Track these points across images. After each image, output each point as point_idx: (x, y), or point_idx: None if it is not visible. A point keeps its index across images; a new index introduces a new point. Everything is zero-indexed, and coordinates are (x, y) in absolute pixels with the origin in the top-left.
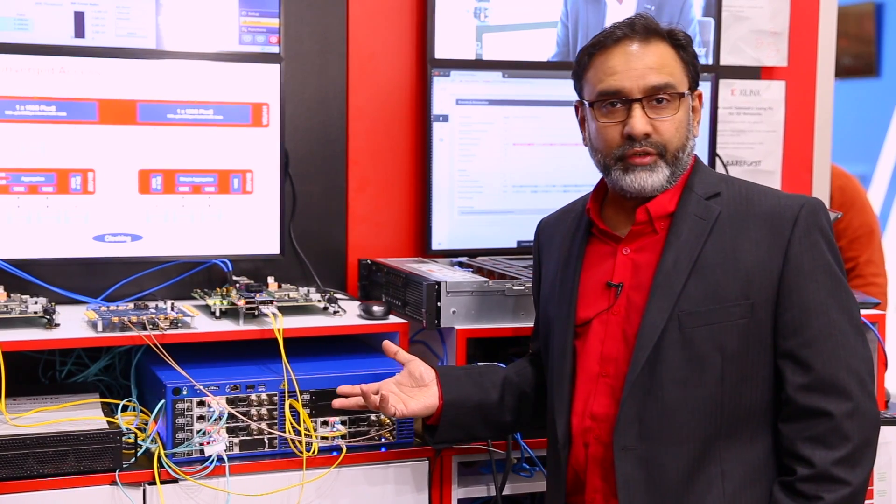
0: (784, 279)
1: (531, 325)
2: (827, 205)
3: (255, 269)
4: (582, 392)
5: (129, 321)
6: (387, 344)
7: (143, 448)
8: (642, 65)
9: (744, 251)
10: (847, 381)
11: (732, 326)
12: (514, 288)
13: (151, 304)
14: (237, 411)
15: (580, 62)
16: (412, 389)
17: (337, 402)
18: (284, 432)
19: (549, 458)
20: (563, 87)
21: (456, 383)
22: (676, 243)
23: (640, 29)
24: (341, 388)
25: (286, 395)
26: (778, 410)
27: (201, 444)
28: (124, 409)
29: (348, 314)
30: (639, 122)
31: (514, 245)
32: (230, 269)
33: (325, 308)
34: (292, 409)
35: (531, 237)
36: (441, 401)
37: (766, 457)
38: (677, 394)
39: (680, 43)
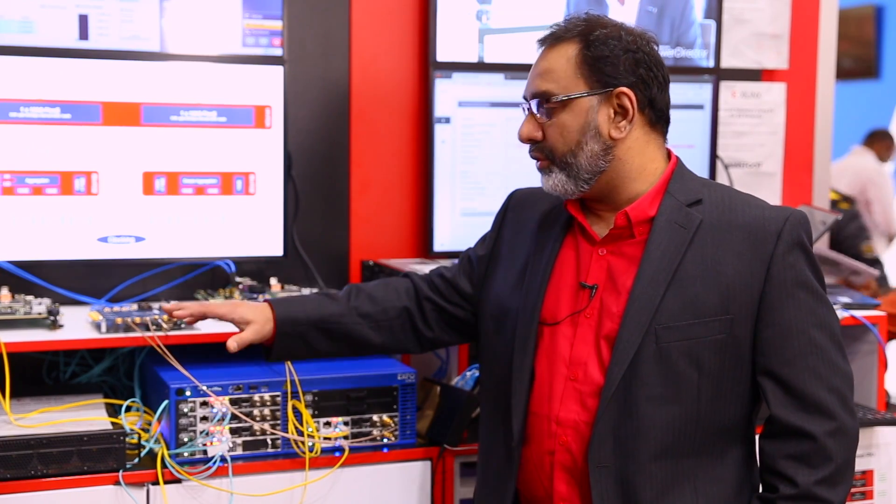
0: (765, 296)
1: None
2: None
3: (258, 270)
4: (544, 393)
5: (133, 322)
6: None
7: (147, 448)
8: (535, 71)
9: (725, 263)
10: (829, 399)
11: (710, 342)
12: None
13: (155, 306)
14: (240, 412)
15: None
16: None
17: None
18: (287, 433)
19: (493, 456)
20: None
21: (287, 303)
22: (656, 253)
23: (553, 34)
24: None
25: (289, 395)
26: (750, 425)
27: (204, 445)
28: (128, 409)
29: None
30: (522, 127)
31: None
32: (233, 270)
33: None
34: (295, 409)
35: None
36: (273, 316)
37: (739, 472)
38: (652, 410)
39: (590, 43)
